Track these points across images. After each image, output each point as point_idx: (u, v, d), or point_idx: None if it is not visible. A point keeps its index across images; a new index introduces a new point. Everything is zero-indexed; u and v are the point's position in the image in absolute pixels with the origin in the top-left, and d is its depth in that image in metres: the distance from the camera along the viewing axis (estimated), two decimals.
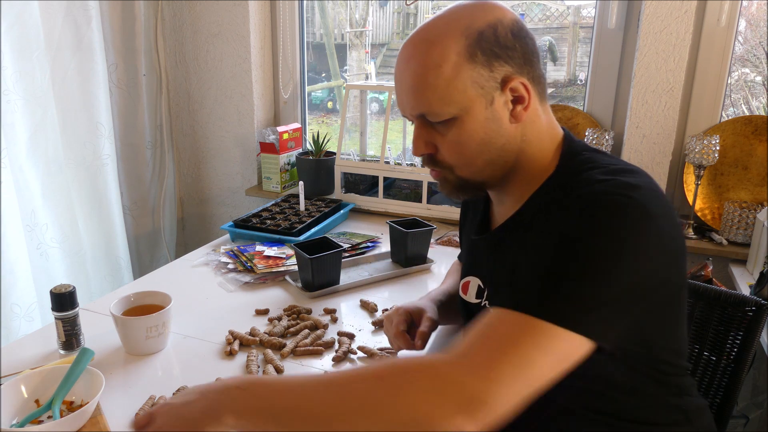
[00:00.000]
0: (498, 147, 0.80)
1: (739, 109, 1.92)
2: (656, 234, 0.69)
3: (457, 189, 0.85)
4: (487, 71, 0.76)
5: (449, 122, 0.78)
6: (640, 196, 0.69)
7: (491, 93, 0.77)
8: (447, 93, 0.75)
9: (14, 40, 1.55)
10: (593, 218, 0.68)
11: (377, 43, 2.65)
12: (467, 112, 0.76)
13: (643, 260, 0.68)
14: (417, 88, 0.77)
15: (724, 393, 1.10)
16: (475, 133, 0.78)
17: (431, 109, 0.77)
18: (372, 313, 1.25)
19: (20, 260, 1.57)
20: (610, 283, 0.66)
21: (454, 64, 0.75)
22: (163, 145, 2.18)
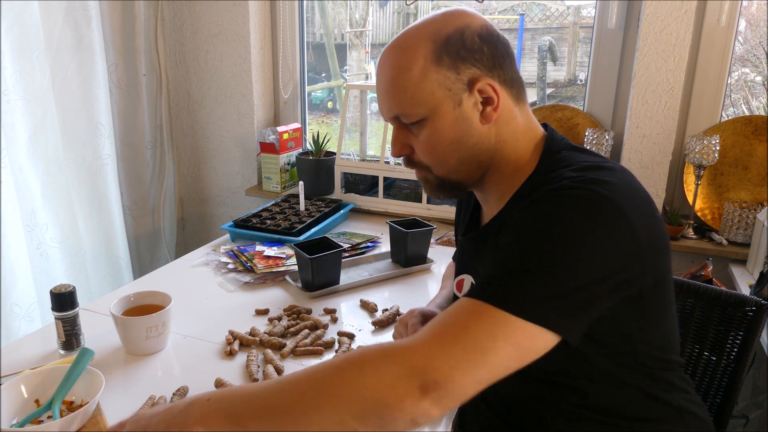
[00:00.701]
0: (470, 146, 0.82)
1: (739, 109, 1.92)
2: (626, 228, 0.69)
3: (437, 188, 0.88)
4: (454, 74, 0.79)
5: (421, 123, 0.81)
6: (607, 190, 0.70)
7: (459, 94, 0.80)
8: (416, 95, 0.79)
9: (14, 40, 1.55)
10: (553, 211, 0.70)
11: (377, 43, 2.65)
12: (435, 113, 0.80)
13: (609, 254, 0.68)
14: (389, 91, 0.82)
15: (724, 393, 1.10)
16: (445, 133, 0.81)
17: (403, 110, 0.81)
18: (372, 313, 1.25)
19: (20, 260, 1.57)
20: (568, 275, 0.67)
21: (422, 68, 0.79)
22: (163, 145, 2.18)
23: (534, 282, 0.67)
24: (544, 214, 0.70)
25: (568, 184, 0.72)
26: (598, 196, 0.69)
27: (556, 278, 0.67)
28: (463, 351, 0.63)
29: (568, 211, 0.69)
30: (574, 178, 0.73)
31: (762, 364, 1.61)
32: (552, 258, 0.67)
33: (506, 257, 0.70)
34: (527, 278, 0.67)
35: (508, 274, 0.68)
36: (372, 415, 0.62)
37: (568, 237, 0.68)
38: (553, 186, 0.73)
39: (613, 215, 0.69)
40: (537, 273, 0.67)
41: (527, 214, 0.72)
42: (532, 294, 0.66)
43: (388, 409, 0.61)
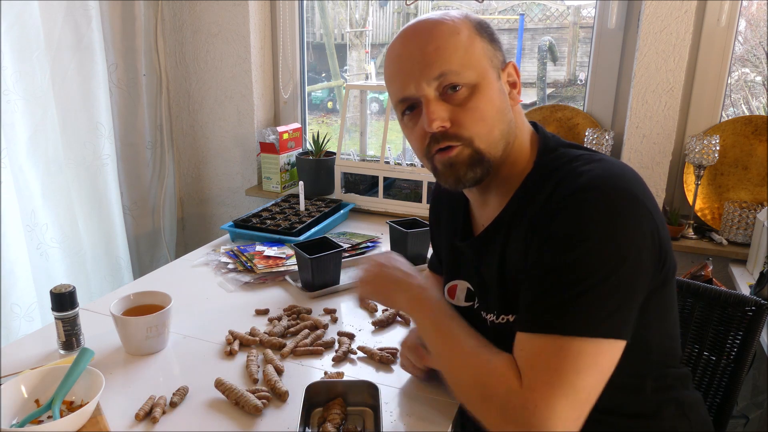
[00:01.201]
0: (508, 121, 0.82)
1: (739, 109, 1.93)
2: (651, 222, 0.72)
3: (469, 165, 0.80)
4: (492, 49, 0.81)
5: (470, 89, 0.78)
6: (626, 184, 0.72)
7: (498, 69, 0.82)
8: (466, 57, 0.78)
9: (14, 40, 1.55)
10: (588, 217, 0.70)
11: (377, 43, 2.65)
12: (485, 79, 0.79)
13: (646, 251, 0.71)
14: (439, 51, 0.78)
15: (724, 393, 1.10)
16: (494, 101, 0.80)
17: (452, 68, 0.77)
18: (372, 313, 1.25)
19: (20, 260, 1.57)
20: (622, 279, 0.69)
21: (469, 35, 0.79)
22: (163, 145, 2.18)
23: (599, 298, 0.68)
24: (578, 222, 0.70)
25: (587, 182, 0.72)
26: (623, 192, 0.71)
27: (615, 287, 0.68)
28: (563, 400, 0.66)
29: (601, 213, 0.70)
30: (588, 173, 0.73)
31: (762, 364, 1.61)
32: (604, 268, 0.68)
33: (556, 279, 0.70)
34: (590, 296, 0.68)
35: (569, 297, 0.69)
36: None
37: (611, 242, 0.69)
38: (573, 187, 0.72)
39: (639, 210, 0.71)
40: (598, 287, 0.68)
41: (559, 225, 0.71)
42: (602, 310, 0.68)
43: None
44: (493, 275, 0.84)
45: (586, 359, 0.67)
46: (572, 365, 0.67)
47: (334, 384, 0.91)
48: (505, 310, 0.82)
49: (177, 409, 0.91)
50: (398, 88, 0.82)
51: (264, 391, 0.93)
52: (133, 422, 0.87)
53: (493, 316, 0.84)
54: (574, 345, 0.68)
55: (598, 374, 0.68)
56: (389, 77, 0.84)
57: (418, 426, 0.88)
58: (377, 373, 1.02)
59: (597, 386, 0.69)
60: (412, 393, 0.96)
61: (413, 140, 0.84)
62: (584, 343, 0.68)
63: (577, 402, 0.67)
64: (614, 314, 0.69)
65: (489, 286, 0.86)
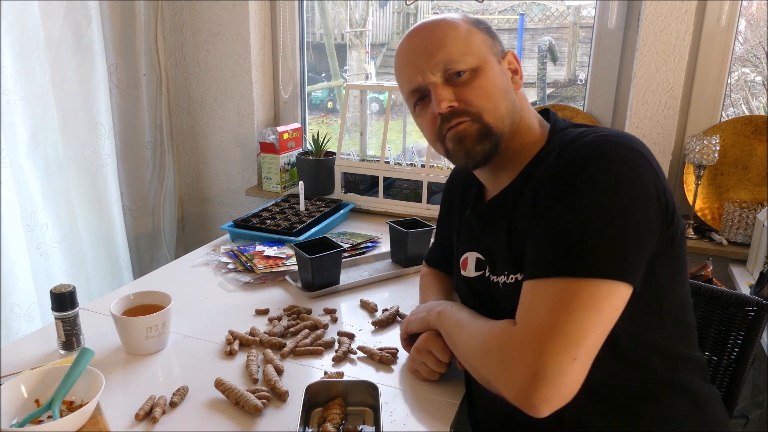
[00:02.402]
0: (512, 100, 0.88)
1: (739, 109, 1.93)
2: (651, 172, 0.75)
3: (479, 139, 0.86)
4: (489, 39, 0.89)
5: (473, 72, 0.85)
6: (630, 142, 0.76)
7: (498, 56, 0.89)
8: (465, 45, 0.86)
9: (14, 40, 1.55)
10: (598, 166, 0.73)
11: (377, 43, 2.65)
12: (486, 63, 0.86)
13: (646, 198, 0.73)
14: (440, 43, 0.86)
15: (724, 393, 1.10)
16: (497, 80, 0.87)
17: (453, 57, 0.85)
18: (372, 313, 1.25)
19: (20, 260, 1.57)
20: (624, 226, 0.71)
21: (466, 28, 0.88)
22: (163, 145, 2.18)
23: (606, 240, 0.70)
24: (581, 172, 0.73)
25: (593, 139, 0.76)
26: (626, 148, 0.74)
27: (620, 230, 0.70)
28: (554, 337, 0.68)
29: (604, 164, 0.73)
30: (596, 133, 0.77)
31: (762, 364, 1.61)
32: (608, 211, 0.71)
33: (564, 224, 0.73)
34: (599, 238, 0.70)
35: (571, 243, 0.71)
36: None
37: (612, 190, 0.71)
38: (578, 145, 0.76)
39: (641, 164, 0.74)
40: (598, 233, 0.70)
41: (566, 175, 0.75)
42: (611, 253, 0.70)
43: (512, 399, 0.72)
44: (501, 240, 0.87)
45: (582, 299, 0.69)
46: (566, 305, 0.69)
47: (334, 384, 0.91)
48: (514, 269, 0.84)
49: (177, 409, 0.91)
50: (407, 80, 0.90)
51: (264, 391, 0.93)
52: (133, 422, 0.87)
53: (504, 277, 0.87)
54: (569, 286, 0.70)
55: (596, 315, 0.69)
56: (399, 72, 0.92)
57: (418, 426, 0.88)
58: (377, 373, 1.02)
59: (595, 328, 0.69)
60: (412, 393, 0.96)
61: (425, 126, 0.91)
62: (578, 283, 0.69)
63: (570, 341, 0.68)
64: (616, 257, 0.70)
65: (497, 251, 0.89)
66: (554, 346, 0.68)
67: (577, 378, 0.69)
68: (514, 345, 0.72)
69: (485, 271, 0.94)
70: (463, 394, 0.96)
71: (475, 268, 0.96)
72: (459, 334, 0.88)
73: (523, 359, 0.70)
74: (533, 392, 0.68)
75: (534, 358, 0.68)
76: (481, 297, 0.93)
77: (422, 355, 0.97)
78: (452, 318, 0.92)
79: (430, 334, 0.97)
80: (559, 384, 0.68)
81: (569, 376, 0.68)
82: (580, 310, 0.68)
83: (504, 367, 0.73)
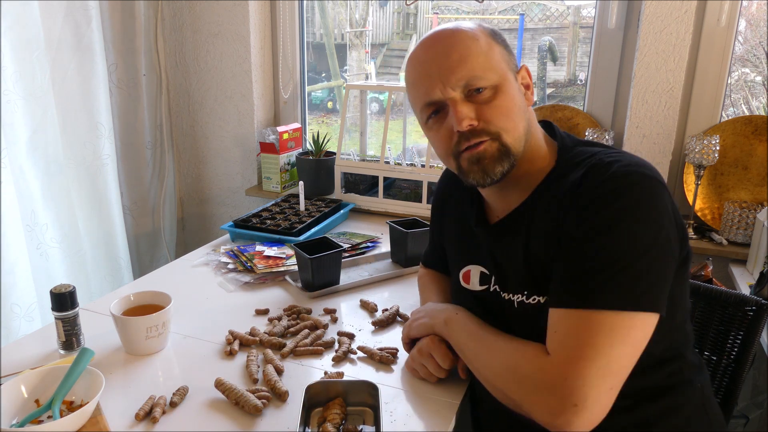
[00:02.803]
0: (527, 119, 0.87)
1: (739, 109, 1.93)
2: (671, 204, 0.77)
3: (497, 158, 0.84)
4: (507, 53, 0.88)
5: (493, 89, 0.84)
6: (649, 171, 0.77)
7: (514, 71, 0.88)
8: (487, 61, 0.84)
9: (14, 40, 1.55)
10: (630, 199, 0.74)
11: (377, 43, 2.65)
12: (506, 80, 0.85)
13: (671, 228, 0.75)
14: (463, 58, 0.83)
15: (724, 393, 1.10)
16: (515, 99, 0.85)
17: (476, 73, 0.83)
18: (372, 313, 1.25)
19: (20, 260, 1.57)
20: (655, 257, 0.73)
21: (487, 41, 0.85)
22: (163, 145, 2.18)
23: (631, 275, 0.72)
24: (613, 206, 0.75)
25: (617, 170, 0.76)
26: (650, 179, 0.76)
27: (648, 264, 0.72)
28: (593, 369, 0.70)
29: (634, 198, 0.74)
30: (614, 163, 0.78)
31: (762, 364, 1.61)
32: (641, 244, 0.73)
33: (591, 259, 0.74)
34: (624, 274, 0.72)
35: (605, 275, 0.73)
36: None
37: (643, 223, 0.73)
38: (605, 175, 0.77)
39: (664, 194, 0.76)
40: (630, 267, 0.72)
41: (595, 209, 0.76)
42: (638, 285, 0.72)
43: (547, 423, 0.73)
44: (516, 259, 0.87)
45: (620, 332, 0.71)
46: (604, 338, 0.71)
47: (334, 384, 0.91)
48: (536, 291, 0.84)
49: (177, 409, 0.91)
50: (424, 92, 0.86)
51: (264, 391, 0.93)
52: (133, 422, 0.87)
53: (522, 296, 0.86)
54: (606, 318, 0.71)
55: (630, 347, 0.72)
56: (413, 82, 0.89)
57: (418, 426, 0.88)
58: (377, 373, 1.02)
59: (629, 358, 0.72)
60: (412, 393, 0.96)
61: (438, 141, 0.89)
62: (617, 316, 0.71)
63: (608, 372, 0.70)
64: (648, 289, 0.72)
65: (510, 268, 0.89)
66: (593, 377, 0.70)
67: (609, 404, 0.72)
68: (553, 375, 0.73)
69: (490, 285, 0.93)
70: (464, 393, 0.96)
71: (480, 282, 0.96)
72: (477, 349, 0.87)
73: (562, 390, 0.71)
74: (572, 421, 0.71)
75: (575, 390, 0.70)
76: (490, 310, 0.93)
77: (423, 358, 0.97)
78: (463, 329, 0.91)
79: (434, 339, 0.97)
80: (596, 411, 0.71)
81: (605, 403, 0.71)
82: (618, 342, 0.71)
83: (541, 397, 0.74)
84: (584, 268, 0.74)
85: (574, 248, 0.76)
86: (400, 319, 1.21)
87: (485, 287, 0.95)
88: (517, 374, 0.78)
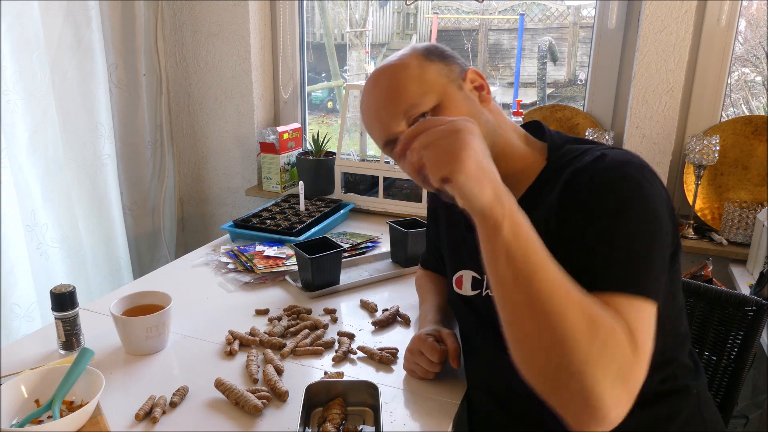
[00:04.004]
0: (483, 123, 0.85)
1: (739, 109, 1.93)
2: (666, 194, 0.77)
3: None
4: (445, 66, 0.87)
5: (435, 110, 0.84)
6: (642, 161, 0.77)
7: (457, 81, 0.86)
8: (421, 85, 0.84)
9: (14, 40, 1.55)
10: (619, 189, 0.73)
11: (377, 43, 2.65)
12: (446, 96, 0.84)
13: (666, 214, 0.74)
14: (394, 93, 0.84)
15: (724, 393, 1.10)
16: (463, 110, 0.84)
17: (413, 101, 0.83)
18: (372, 313, 1.25)
19: (20, 260, 1.57)
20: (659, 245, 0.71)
21: (418, 65, 0.85)
22: (163, 145, 2.18)
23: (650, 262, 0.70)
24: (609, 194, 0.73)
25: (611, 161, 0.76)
26: (643, 168, 0.75)
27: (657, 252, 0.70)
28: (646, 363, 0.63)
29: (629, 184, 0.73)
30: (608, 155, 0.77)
31: (762, 364, 1.61)
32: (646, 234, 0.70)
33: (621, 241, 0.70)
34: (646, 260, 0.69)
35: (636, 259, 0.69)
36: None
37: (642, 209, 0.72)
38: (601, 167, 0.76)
39: (656, 181, 0.75)
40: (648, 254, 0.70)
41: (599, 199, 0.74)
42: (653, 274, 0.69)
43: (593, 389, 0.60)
44: None
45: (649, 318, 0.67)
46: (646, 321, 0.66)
47: (334, 384, 0.91)
48: None
49: (177, 409, 0.91)
50: (378, 134, 0.89)
51: (264, 391, 0.93)
52: (133, 422, 0.87)
53: None
54: (648, 307, 0.67)
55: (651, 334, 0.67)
56: (368, 128, 0.91)
57: (418, 426, 0.88)
58: (377, 373, 1.02)
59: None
60: (412, 393, 0.96)
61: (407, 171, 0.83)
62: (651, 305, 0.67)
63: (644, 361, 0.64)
64: (659, 277, 0.70)
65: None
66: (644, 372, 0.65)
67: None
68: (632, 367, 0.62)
69: (482, 289, 0.93)
70: (463, 394, 0.96)
71: (472, 287, 0.96)
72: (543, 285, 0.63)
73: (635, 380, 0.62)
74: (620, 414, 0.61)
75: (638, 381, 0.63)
76: (481, 315, 0.93)
77: (415, 356, 0.98)
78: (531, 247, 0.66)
79: (420, 336, 0.98)
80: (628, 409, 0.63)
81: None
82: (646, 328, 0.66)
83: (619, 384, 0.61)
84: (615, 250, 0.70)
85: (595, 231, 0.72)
86: (400, 319, 1.21)
87: (477, 292, 0.94)
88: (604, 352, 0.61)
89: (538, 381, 0.64)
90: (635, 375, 0.62)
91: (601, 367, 0.59)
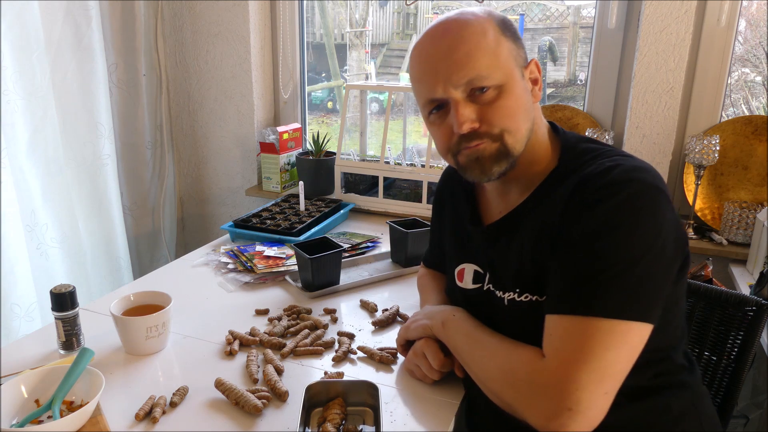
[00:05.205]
0: (532, 118, 0.85)
1: (739, 109, 1.93)
2: (673, 211, 0.77)
3: (495, 159, 0.83)
4: (515, 48, 0.84)
5: (498, 89, 0.81)
6: (651, 177, 0.76)
7: (521, 67, 0.85)
8: (494, 59, 0.81)
9: (14, 40, 1.55)
10: (621, 209, 0.73)
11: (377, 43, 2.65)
12: (511, 78, 0.82)
13: (668, 236, 0.74)
14: (469, 54, 0.80)
15: (724, 393, 1.10)
16: (520, 99, 0.83)
17: (481, 73, 0.80)
18: (372, 313, 1.25)
19: (20, 260, 1.57)
20: (650, 266, 0.72)
21: (495, 36, 0.81)
22: (163, 145, 2.18)
23: (627, 282, 0.71)
24: (610, 212, 0.74)
25: (616, 175, 0.75)
26: (649, 186, 0.75)
27: (643, 272, 0.72)
28: (589, 373, 0.70)
29: (632, 204, 0.74)
30: (615, 168, 0.77)
31: (762, 364, 1.61)
32: (632, 254, 0.72)
33: (588, 265, 0.73)
34: (620, 281, 0.71)
35: (600, 281, 0.72)
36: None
37: (639, 231, 0.72)
38: (604, 180, 0.76)
39: (664, 202, 0.76)
40: (625, 273, 0.71)
41: (592, 215, 0.74)
42: (630, 295, 0.71)
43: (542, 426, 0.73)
44: (510, 258, 0.86)
45: (615, 337, 0.70)
46: (599, 342, 0.70)
47: (334, 384, 0.91)
48: (529, 289, 0.84)
49: (177, 409, 0.91)
50: (426, 89, 0.84)
51: (264, 391, 0.93)
52: (133, 422, 0.87)
53: (513, 294, 0.86)
54: (603, 325, 0.71)
55: (626, 351, 0.71)
56: (417, 77, 0.86)
57: (418, 426, 0.88)
58: (377, 373, 1.02)
59: (625, 362, 0.72)
60: (412, 393, 0.96)
61: (439, 137, 0.87)
62: (613, 324, 0.70)
63: (603, 376, 0.70)
64: (643, 298, 0.72)
65: (503, 267, 0.88)
66: (589, 382, 0.70)
67: (605, 409, 0.71)
68: (548, 379, 0.72)
69: (483, 284, 0.93)
70: (463, 394, 0.96)
71: (473, 280, 0.96)
72: (472, 351, 0.87)
73: (558, 394, 0.71)
74: (567, 424, 0.70)
75: (569, 393, 0.70)
76: (480, 309, 0.93)
77: (418, 358, 0.98)
78: (460, 330, 0.91)
79: (427, 339, 0.97)
80: (591, 416, 0.70)
81: (600, 408, 0.71)
82: (613, 347, 0.70)
83: (536, 400, 0.73)
84: (580, 273, 0.73)
85: (571, 253, 0.75)
86: (400, 319, 1.21)
87: (478, 285, 0.94)
88: (512, 377, 0.77)
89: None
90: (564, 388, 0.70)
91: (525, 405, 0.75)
